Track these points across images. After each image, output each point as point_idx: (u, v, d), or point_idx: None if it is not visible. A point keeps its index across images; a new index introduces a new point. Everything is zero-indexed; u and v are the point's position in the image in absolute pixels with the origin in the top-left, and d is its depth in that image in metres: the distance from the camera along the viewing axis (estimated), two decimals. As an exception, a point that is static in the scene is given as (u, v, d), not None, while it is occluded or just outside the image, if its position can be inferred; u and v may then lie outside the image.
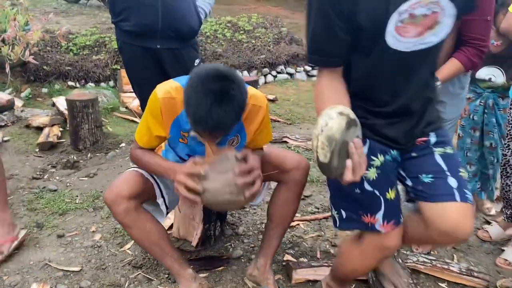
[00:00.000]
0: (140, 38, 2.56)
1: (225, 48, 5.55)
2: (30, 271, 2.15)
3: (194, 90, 1.45)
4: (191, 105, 1.46)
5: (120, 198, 1.78)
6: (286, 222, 2.03)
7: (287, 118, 4.36)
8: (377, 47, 1.35)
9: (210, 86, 1.43)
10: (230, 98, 1.45)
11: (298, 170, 1.93)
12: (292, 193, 1.96)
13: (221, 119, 1.45)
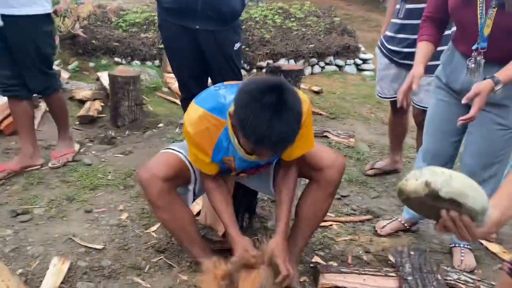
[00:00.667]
0: (179, 17, 2.46)
1: (274, 34, 5.39)
2: (53, 244, 2.14)
3: (248, 108, 1.35)
4: (249, 125, 1.35)
5: (155, 179, 1.72)
6: (314, 224, 1.90)
7: (330, 112, 4.17)
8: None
9: (266, 101, 1.33)
10: (288, 108, 1.36)
11: (333, 169, 1.78)
12: (323, 193, 1.82)
13: (284, 132, 1.36)
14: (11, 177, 2.72)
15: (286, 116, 1.35)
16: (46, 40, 2.60)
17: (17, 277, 1.88)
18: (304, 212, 1.88)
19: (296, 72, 3.78)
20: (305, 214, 1.88)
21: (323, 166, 1.78)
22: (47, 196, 2.56)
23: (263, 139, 1.35)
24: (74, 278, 1.92)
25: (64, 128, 2.98)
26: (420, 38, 1.94)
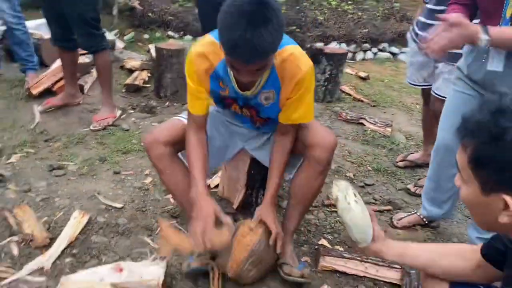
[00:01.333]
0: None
1: (327, 17, 5.29)
2: (79, 198, 2.31)
3: (227, 14, 1.36)
4: (224, 30, 1.38)
5: (156, 143, 1.80)
6: (307, 200, 1.89)
7: (373, 99, 4.04)
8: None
9: (244, 8, 1.34)
10: (265, 20, 1.34)
11: (322, 147, 1.75)
12: (313, 171, 1.80)
13: (257, 43, 1.33)
14: (55, 136, 2.96)
15: (262, 27, 1.33)
16: (89, 7, 2.83)
17: (42, 224, 2.07)
18: (296, 189, 1.88)
19: (338, 56, 3.70)
20: (297, 192, 1.88)
21: (312, 143, 1.76)
22: (82, 155, 2.75)
23: (235, 46, 1.35)
24: (90, 232, 2.08)
25: (107, 93, 3.18)
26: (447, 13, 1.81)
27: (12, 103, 3.35)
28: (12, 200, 2.24)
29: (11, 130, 2.97)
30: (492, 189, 0.92)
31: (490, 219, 0.96)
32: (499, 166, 0.89)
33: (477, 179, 0.94)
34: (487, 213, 0.96)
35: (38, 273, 1.82)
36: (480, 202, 0.96)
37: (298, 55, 1.63)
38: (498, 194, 0.91)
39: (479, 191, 0.95)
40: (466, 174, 0.97)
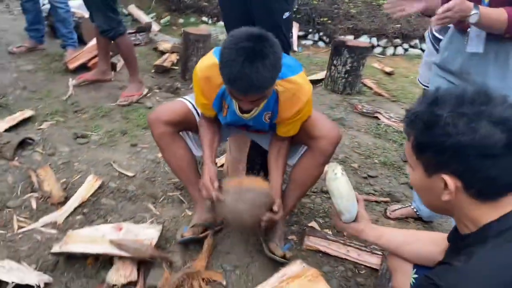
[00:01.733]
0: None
1: (360, 10, 5.28)
2: (95, 165, 2.54)
3: (227, 50, 1.49)
4: (224, 65, 1.50)
5: (158, 122, 1.95)
6: (304, 187, 2.00)
7: (393, 94, 4.06)
8: None
9: (243, 45, 1.46)
10: (262, 56, 1.46)
11: (326, 139, 1.86)
12: (315, 161, 1.91)
13: (254, 78, 1.46)
14: (84, 108, 3.21)
15: (259, 62, 1.44)
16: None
17: (60, 184, 2.31)
18: (296, 175, 1.99)
19: (360, 49, 3.73)
20: (296, 178, 1.99)
21: (317, 136, 1.87)
22: (106, 127, 2.99)
23: (235, 80, 1.48)
24: (101, 195, 2.30)
25: (133, 72, 3.39)
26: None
27: (50, 76, 3.64)
28: (37, 162, 2.50)
29: (46, 99, 3.26)
30: (433, 171, 1.02)
31: (436, 200, 1.05)
32: (436, 149, 0.98)
33: (421, 163, 1.04)
34: (432, 194, 1.05)
35: (51, 226, 2.06)
36: (425, 184, 1.06)
37: (301, 84, 1.74)
38: (439, 174, 1.00)
39: (423, 175, 1.04)
40: (412, 160, 1.07)
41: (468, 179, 0.98)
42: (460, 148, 0.95)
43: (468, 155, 0.95)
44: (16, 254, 1.88)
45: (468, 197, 1.00)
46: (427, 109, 1.00)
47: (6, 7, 5.29)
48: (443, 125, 0.96)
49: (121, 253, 1.81)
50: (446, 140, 0.95)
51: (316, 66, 4.64)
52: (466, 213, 1.04)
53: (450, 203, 1.03)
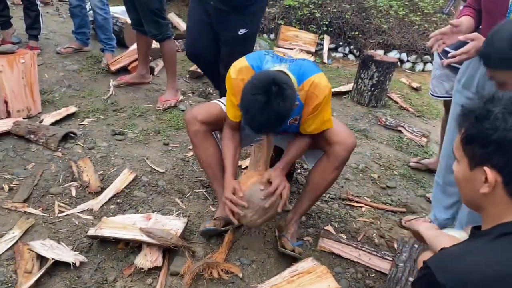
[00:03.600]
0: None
1: (392, 25, 5.35)
2: (130, 160, 2.75)
3: (245, 97, 1.72)
4: (242, 109, 1.75)
5: (194, 120, 2.14)
6: (318, 190, 2.13)
7: (419, 110, 4.12)
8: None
9: (256, 98, 1.66)
10: (272, 109, 1.66)
11: (342, 146, 2.00)
12: (330, 166, 2.04)
13: (265, 125, 1.71)
14: (122, 108, 3.44)
15: (269, 114, 1.66)
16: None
17: (97, 175, 2.53)
18: (312, 178, 2.13)
19: (387, 64, 3.83)
20: (312, 180, 2.13)
21: (334, 141, 2.01)
22: (142, 126, 3.21)
23: (250, 123, 1.75)
24: (134, 187, 2.50)
25: (172, 78, 3.59)
26: (461, 15, 1.98)
27: (93, 76, 3.91)
28: (78, 154, 2.74)
29: (89, 98, 3.51)
30: (476, 163, 1.06)
31: (474, 193, 1.11)
32: (482, 142, 1.03)
33: (467, 155, 1.09)
34: (472, 186, 1.11)
35: (87, 212, 2.27)
36: (468, 176, 1.11)
37: (317, 84, 1.89)
38: (481, 167, 1.06)
39: (467, 167, 1.10)
40: (459, 153, 1.15)
41: (508, 174, 1.02)
42: (505, 143, 1.00)
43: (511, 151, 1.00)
44: (56, 235, 2.10)
45: (504, 193, 1.04)
46: (482, 105, 1.07)
47: (56, 10, 5.66)
48: (493, 119, 1.01)
49: (149, 240, 1.99)
50: (492, 134, 1.01)
51: (344, 78, 4.75)
52: (496, 210, 1.08)
53: (486, 198, 1.08)
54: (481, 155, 1.05)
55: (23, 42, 4.27)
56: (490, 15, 1.84)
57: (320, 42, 5.32)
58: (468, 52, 1.73)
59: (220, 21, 2.71)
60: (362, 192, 2.80)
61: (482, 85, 1.93)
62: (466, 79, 2.04)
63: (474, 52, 1.73)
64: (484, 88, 1.92)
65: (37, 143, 2.77)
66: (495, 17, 1.80)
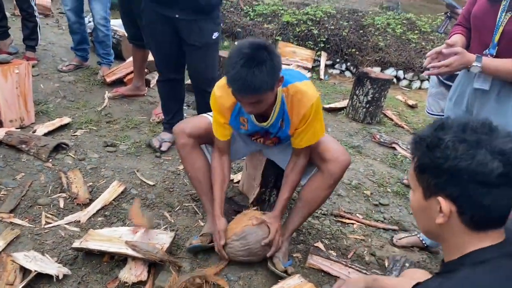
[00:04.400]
0: (160, 6, 2.62)
1: (389, 43, 5.39)
2: (120, 172, 2.73)
3: (232, 54, 1.69)
4: (227, 68, 1.69)
5: (182, 133, 2.14)
6: (311, 206, 2.11)
7: (414, 127, 4.12)
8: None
9: (245, 51, 1.65)
10: (259, 62, 1.64)
11: (335, 163, 1.98)
12: (324, 183, 2.03)
13: (249, 80, 1.63)
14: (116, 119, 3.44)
15: (255, 68, 1.62)
16: None
17: (86, 187, 2.50)
18: (305, 195, 2.11)
19: (382, 81, 3.84)
20: (305, 197, 2.11)
21: (328, 159, 2.00)
22: (134, 138, 3.19)
23: (233, 81, 1.67)
24: (123, 200, 2.48)
25: None
26: (452, 33, 2.00)
27: (89, 87, 3.92)
28: (68, 165, 2.72)
29: (83, 109, 3.51)
30: (431, 193, 1.05)
31: (430, 223, 1.09)
32: (435, 171, 1.01)
33: (421, 184, 1.08)
34: (428, 216, 1.08)
35: (74, 224, 2.24)
36: (423, 206, 1.09)
37: (304, 90, 1.88)
38: (435, 197, 1.04)
39: (422, 196, 1.08)
40: (413, 182, 1.12)
41: (462, 204, 1.00)
42: (457, 172, 0.98)
43: (464, 180, 0.98)
44: (41, 246, 2.07)
45: (460, 223, 1.02)
46: (432, 133, 1.05)
47: (55, 22, 5.70)
48: (444, 148, 0.99)
49: (134, 254, 1.96)
50: (444, 163, 0.99)
51: (340, 94, 4.76)
52: (456, 239, 1.07)
53: (443, 228, 1.06)
54: (435, 184, 1.03)
55: (20, 53, 4.29)
56: (478, 32, 1.85)
57: (317, 58, 5.35)
58: (449, 65, 1.73)
59: (193, 31, 2.65)
60: (354, 208, 2.78)
61: (472, 103, 1.92)
62: (457, 96, 2.04)
63: (457, 66, 1.73)
64: (474, 106, 1.92)
65: (28, 153, 2.75)
66: (483, 34, 1.81)
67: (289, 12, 5.79)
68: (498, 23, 1.73)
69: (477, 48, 1.84)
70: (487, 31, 1.78)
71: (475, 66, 1.72)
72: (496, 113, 1.83)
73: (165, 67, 2.92)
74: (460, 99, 2.02)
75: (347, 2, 8.76)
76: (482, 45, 1.82)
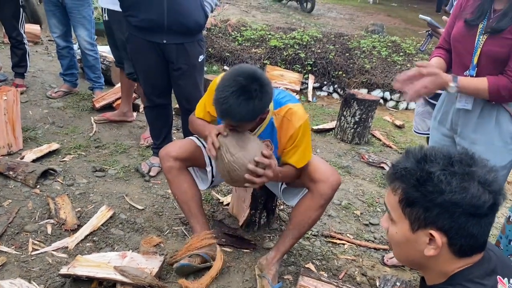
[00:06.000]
0: (147, 33, 2.62)
1: (375, 65, 5.50)
2: (109, 197, 2.71)
3: (226, 76, 1.74)
4: (218, 88, 1.74)
5: (167, 156, 2.14)
6: (302, 228, 2.10)
7: (402, 147, 4.17)
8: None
9: (239, 79, 1.69)
10: (248, 97, 1.68)
11: (326, 183, 2.00)
12: (314, 204, 2.03)
13: (232, 109, 1.68)
14: (105, 144, 3.43)
15: (243, 101, 1.67)
16: None
17: (74, 212, 2.48)
18: (295, 216, 2.11)
19: (369, 102, 3.90)
20: (295, 218, 2.11)
21: (317, 179, 2.01)
22: (123, 162, 3.19)
23: (217, 103, 1.72)
24: (112, 225, 2.45)
25: None
26: (432, 56, 2.05)
27: (78, 113, 3.92)
28: (56, 191, 2.70)
29: (72, 135, 3.50)
30: (419, 226, 1.02)
31: (415, 254, 1.07)
32: (426, 205, 1.00)
33: (408, 217, 1.05)
34: (413, 248, 1.07)
35: (62, 250, 2.21)
36: (408, 238, 1.06)
37: (294, 111, 1.94)
38: (425, 230, 1.01)
39: (408, 229, 1.05)
40: (396, 214, 1.09)
41: (453, 235, 1.00)
42: (451, 206, 0.97)
43: (457, 213, 0.98)
44: (27, 274, 2.03)
45: (449, 252, 1.03)
46: (417, 165, 1.03)
47: (45, 49, 5.73)
48: (437, 182, 0.98)
49: (123, 279, 1.94)
50: (437, 197, 0.98)
51: (328, 115, 4.81)
52: (441, 267, 1.06)
53: (430, 258, 1.05)
54: (425, 218, 1.02)
55: (9, 80, 4.30)
56: (458, 55, 1.91)
57: (304, 81, 5.43)
58: (426, 87, 1.74)
59: (180, 54, 2.68)
60: (345, 229, 2.78)
61: (456, 121, 1.96)
62: (441, 115, 2.08)
63: (433, 87, 1.76)
64: (458, 124, 1.96)
65: (15, 179, 2.73)
66: (463, 56, 1.86)
67: (276, 37, 5.90)
68: (476, 45, 1.79)
69: (458, 70, 1.89)
70: (466, 53, 1.83)
71: (451, 87, 1.76)
72: (479, 130, 1.88)
73: (153, 93, 2.93)
74: (444, 117, 2.06)
75: (333, 26, 8.97)
76: (463, 67, 1.87)
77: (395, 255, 1.17)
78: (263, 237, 2.56)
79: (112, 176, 2.97)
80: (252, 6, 10.47)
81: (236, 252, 2.37)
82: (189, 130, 2.41)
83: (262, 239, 2.53)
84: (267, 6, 10.70)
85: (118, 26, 3.23)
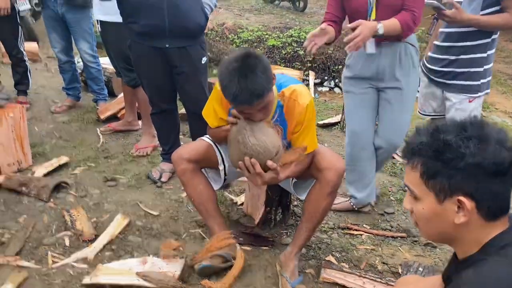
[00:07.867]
0: (149, 39, 2.62)
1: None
2: (123, 205, 2.71)
3: (222, 76, 1.74)
4: (224, 88, 1.74)
5: (180, 159, 2.14)
6: (315, 218, 2.10)
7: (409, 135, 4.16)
8: None
9: (233, 66, 1.69)
10: (252, 69, 1.68)
11: (330, 171, 1.99)
12: (322, 192, 2.03)
13: (252, 87, 1.67)
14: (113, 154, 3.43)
15: (251, 74, 1.66)
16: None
17: (91, 223, 2.48)
18: (307, 207, 2.12)
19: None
20: (307, 209, 2.11)
21: (323, 167, 2.01)
22: (133, 170, 3.19)
23: (237, 96, 1.69)
24: (129, 232, 2.45)
25: (148, 123, 3.45)
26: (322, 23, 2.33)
27: (83, 126, 3.93)
28: (70, 203, 2.70)
29: (79, 147, 3.50)
30: (446, 196, 1.04)
31: (445, 226, 1.07)
32: (449, 173, 1.01)
33: (432, 190, 1.06)
34: (443, 220, 1.07)
35: (82, 261, 2.21)
36: (436, 211, 1.07)
37: (299, 91, 1.95)
38: (453, 198, 1.03)
39: (435, 202, 1.06)
40: (419, 190, 1.09)
41: (480, 198, 1.01)
42: (474, 168, 0.99)
43: (480, 174, 0.99)
44: (50, 287, 2.03)
45: (478, 217, 1.04)
46: (432, 137, 1.05)
47: (44, 66, 5.75)
48: (456, 148, 1.00)
49: (147, 284, 1.94)
50: (459, 162, 0.99)
51: (332, 110, 4.82)
52: (472, 235, 1.06)
53: (462, 227, 1.05)
54: (450, 186, 1.03)
55: (12, 98, 4.30)
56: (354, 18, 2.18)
57: (305, 78, 5.43)
58: (360, 34, 2.03)
59: (183, 57, 2.68)
60: (361, 220, 2.77)
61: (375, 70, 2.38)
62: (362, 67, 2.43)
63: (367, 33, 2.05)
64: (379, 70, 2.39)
65: (28, 195, 2.73)
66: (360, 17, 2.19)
67: (273, 36, 5.92)
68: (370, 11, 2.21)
69: None
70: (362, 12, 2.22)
71: (380, 27, 2.09)
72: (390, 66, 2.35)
73: (158, 99, 2.93)
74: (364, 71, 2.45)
75: (328, 22, 8.97)
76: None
77: (424, 233, 1.18)
78: (280, 233, 2.55)
79: (124, 185, 2.97)
80: (245, 9, 10.49)
81: (256, 250, 2.37)
82: (198, 134, 2.42)
83: (279, 236, 2.53)
84: (259, 8, 10.72)
85: (111, 37, 3.26)
